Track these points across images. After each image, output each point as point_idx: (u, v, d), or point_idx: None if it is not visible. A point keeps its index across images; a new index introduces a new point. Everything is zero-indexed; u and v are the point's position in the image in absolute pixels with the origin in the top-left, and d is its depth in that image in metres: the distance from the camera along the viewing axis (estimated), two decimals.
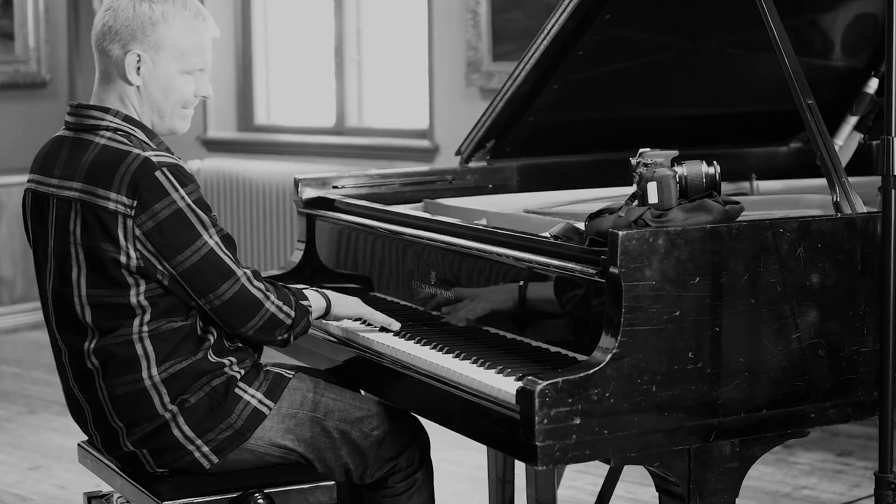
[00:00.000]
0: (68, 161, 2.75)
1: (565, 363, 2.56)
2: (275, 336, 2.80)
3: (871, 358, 2.60)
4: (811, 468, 4.64)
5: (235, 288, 2.71)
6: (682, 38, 3.42)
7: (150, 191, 2.64)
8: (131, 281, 2.68)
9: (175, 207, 2.65)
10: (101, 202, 2.66)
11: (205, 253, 2.68)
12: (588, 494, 4.36)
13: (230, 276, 2.71)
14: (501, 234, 2.77)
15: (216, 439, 2.74)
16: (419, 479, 2.92)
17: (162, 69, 2.75)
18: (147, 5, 2.73)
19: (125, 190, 2.64)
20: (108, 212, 2.65)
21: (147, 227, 2.65)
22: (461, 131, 3.74)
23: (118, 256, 2.66)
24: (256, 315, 2.75)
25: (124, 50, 2.73)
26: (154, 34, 2.73)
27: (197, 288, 2.70)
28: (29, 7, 7.42)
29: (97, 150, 2.71)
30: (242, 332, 2.76)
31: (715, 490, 2.52)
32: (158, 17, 2.73)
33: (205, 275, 2.69)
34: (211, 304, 2.71)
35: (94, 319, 2.72)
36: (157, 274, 2.68)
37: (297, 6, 7.08)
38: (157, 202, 2.64)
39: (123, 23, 2.73)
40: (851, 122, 3.63)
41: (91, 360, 2.74)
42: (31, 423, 5.42)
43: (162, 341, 2.72)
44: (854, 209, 2.65)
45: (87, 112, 2.77)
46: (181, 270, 2.68)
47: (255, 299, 2.74)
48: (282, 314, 2.78)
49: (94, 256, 2.68)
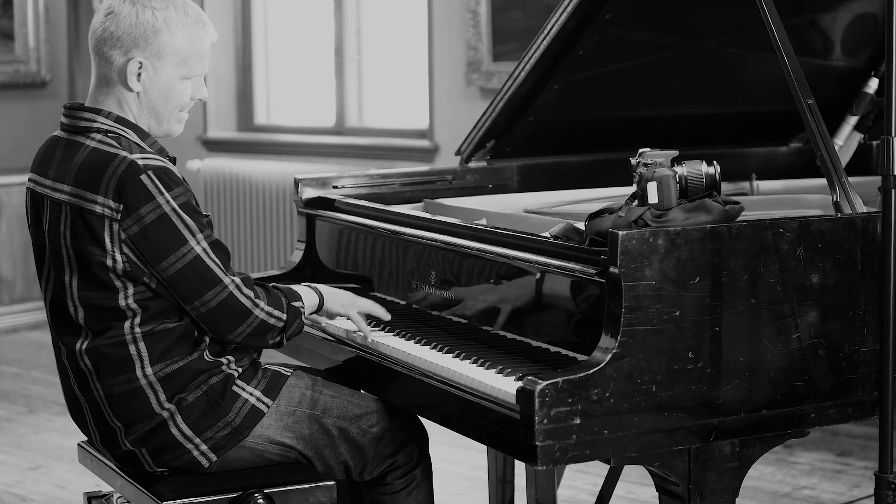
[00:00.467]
0: (61, 163, 2.74)
1: (565, 363, 2.56)
2: (266, 340, 2.79)
3: (871, 358, 2.60)
4: (811, 468, 4.64)
5: (222, 296, 2.69)
6: (681, 38, 3.42)
7: (136, 195, 2.62)
8: (119, 284, 2.67)
9: (160, 212, 2.63)
10: (89, 205, 2.65)
11: (190, 259, 2.66)
12: (588, 494, 4.36)
13: (216, 284, 2.68)
14: (501, 234, 2.77)
15: (214, 437, 2.74)
16: (418, 476, 2.92)
17: (163, 76, 2.74)
18: (150, 12, 2.71)
19: (112, 193, 2.63)
20: (96, 215, 2.65)
21: (132, 232, 2.64)
22: (461, 131, 3.74)
23: (104, 260, 2.65)
24: (244, 322, 2.72)
25: (126, 57, 2.72)
26: (156, 42, 2.71)
27: (182, 295, 2.69)
28: (29, 7, 7.41)
29: (87, 152, 2.70)
30: (230, 338, 2.75)
31: (715, 490, 2.52)
32: (161, 25, 2.71)
33: (190, 282, 2.67)
34: (197, 311, 2.70)
35: (86, 320, 2.72)
36: (144, 277, 2.67)
37: (297, 6, 7.08)
38: (143, 206, 2.63)
39: (126, 29, 2.71)
40: (851, 122, 3.63)
41: (84, 361, 2.74)
42: (31, 423, 5.41)
43: (156, 342, 2.71)
44: (854, 209, 2.65)
45: (80, 114, 2.76)
46: (166, 276, 2.66)
47: (243, 307, 2.71)
48: (272, 319, 2.76)
49: (83, 259, 2.68)
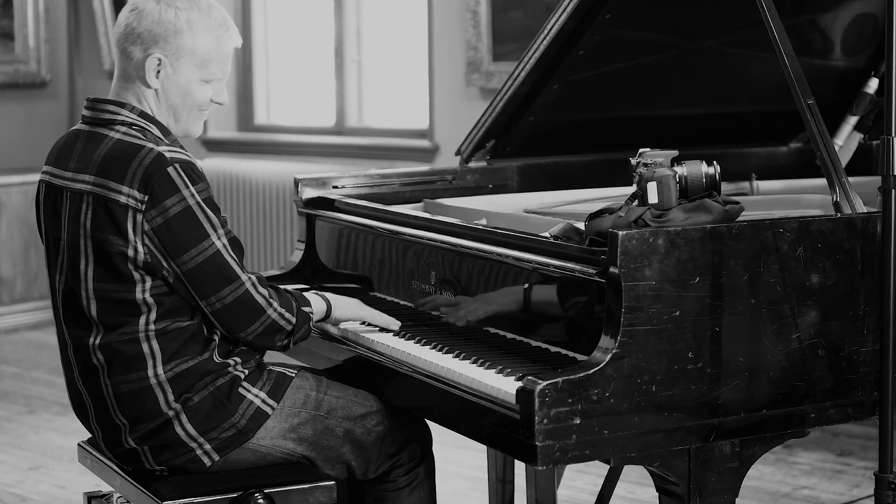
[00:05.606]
0: (82, 154, 2.75)
1: (565, 363, 2.56)
2: (274, 342, 2.80)
3: (871, 358, 2.60)
4: (811, 468, 4.64)
5: (239, 292, 2.71)
6: (682, 38, 3.42)
7: (162, 186, 2.64)
8: (137, 277, 2.68)
9: (185, 205, 2.65)
10: (113, 195, 2.66)
11: (211, 254, 2.68)
12: (588, 494, 4.36)
13: (234, 280, 2.70)
14: (501, 234, 2.77)
15: (219, 438, 2.74)
16: (421, 473, 2.93)
17: (182, 75, 2.74)
18: (173, 12, 2.71)
19: (137, 184, 2.64)
20: (119, 205, 2.65)
21: (156, 223, 2.65)
22: (461, 131, 3.74)
23: (126, 250, 2.66)
24: (257, 321, 2.74)
25: (145, 53, 2.73)
26: (177, 41, 2.72)
27: (199, 289, 2.70)
28: (29, 7, 7.42)
29: (111, 143, 2.71)
30: (242, 336, 2.76)
31: (715, 490, 2.52)
32: (183, 25, 2.72)
33: (208, 276, 2.69)
34: (212, 306, 2.71)
35: (99, 314, 2.72)
36: (163, 271, 2.67)
37: (297, 6, 7.08)
38: (168, 198, 2.64)
39: (147, 27, 2.72)
40: (851, 122, 3.63)
41: (97, 356, 2.74)
42: (31, 423, 5.41)
43: (168, 340, 2.72)
44: (854, 209, 2.65)
45: (103, 106, 2.77)
46: (185, 270, 2.67)
47: (258, 305, 2.73)
48: (283, 321, 2.77)
49: (102, 249, 2.68)
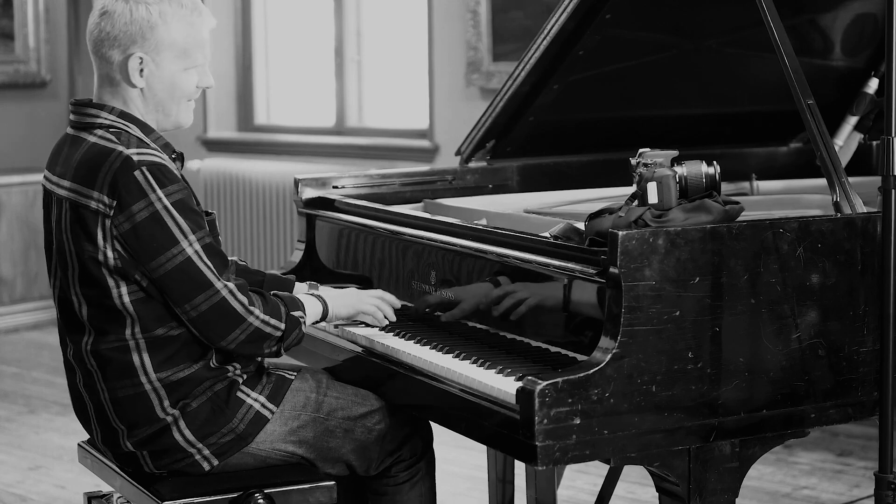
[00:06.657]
0: (66, 159, 2.74)
1: (565, 363, 2.56)
2: (262, 349, 2.71)
3: (871, 358, 2.60)
4: (811, 468, 4.64)
5: (214, 300, 2.63)
6: (682, 38, 3.42)
7: (129, 190, 2.60)
8: (111, 282, 2.65)
9: (152, 210, 2.60)
10: (84, 201, 2.64)
11: (180, 262, 2.62)
12: (588, 494, 4.36)
13: (207, 288, 2.63)
14: (501, 234, 2.77)
15: (217, 443, 2.73)
16: (422, 469, 2.92)
17: (165, 69, 2.72)
18: (143, 7, 2.69)
19: (106, 189, 2.62)
20: (90, 210, 2.64)
21: (124, 229, 2.61)
22: (461, 131, 3.74)
23: (96, 256, 2.64)
24: (237, 329, 2.66)
25: (125, 55, 2.70)
26: (154, 36, 2.69)
27: (172, 297, 2.64)
28: (29, 7, 7.41)
29: (86, 147, 2.69)
30: (223, 345, 2.68)
31: (715, 490, 2.52)
32: (157, 20, 2.69)
33: (179, 284, 2.62)
34: (187, 314, 2.65)
35: (90, 317, 2.71)
36: (136, 275, 2.64)
37: (297, 6, 7.08)
38: (135, 203, 2.60)
39: (121, 28, 2.69)
40: (851, 122, 3.63)
41: (90, 361, 2.73)
42: (31, 423, 5.41)
43: (159, 349, 2.68)
44: (854, 209, 2.65)
45: (84, 110, 2.76)
46: (155, 277, 2.63)
47: (235, 313, 2.65)
48: (268, 328, 2.69)
49: (80, 255, 2.67)
